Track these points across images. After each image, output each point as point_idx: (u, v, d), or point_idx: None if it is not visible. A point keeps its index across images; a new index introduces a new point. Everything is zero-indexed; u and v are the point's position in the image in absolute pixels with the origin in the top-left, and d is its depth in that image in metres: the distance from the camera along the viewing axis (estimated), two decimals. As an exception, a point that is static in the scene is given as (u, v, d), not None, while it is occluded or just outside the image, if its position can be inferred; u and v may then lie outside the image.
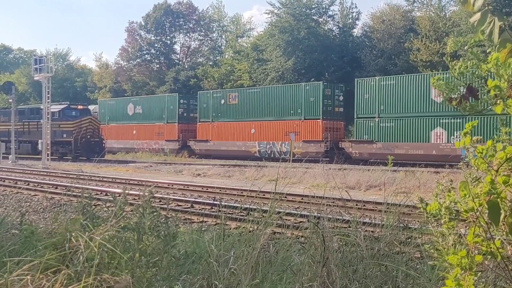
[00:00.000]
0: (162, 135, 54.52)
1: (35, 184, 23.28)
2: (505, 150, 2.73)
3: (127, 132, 57.87)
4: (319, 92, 42.92)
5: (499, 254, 2.86)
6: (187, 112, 54.33)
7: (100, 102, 62.19)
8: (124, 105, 59.17)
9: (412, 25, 52.96)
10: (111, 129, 58.47)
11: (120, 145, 57.35)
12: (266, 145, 45.65)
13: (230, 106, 49.23)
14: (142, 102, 58.27)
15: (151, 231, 4.79)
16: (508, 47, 2.47)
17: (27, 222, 7.08)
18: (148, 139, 55.67)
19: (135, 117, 57.76)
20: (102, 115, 59.97)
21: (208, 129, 50.71)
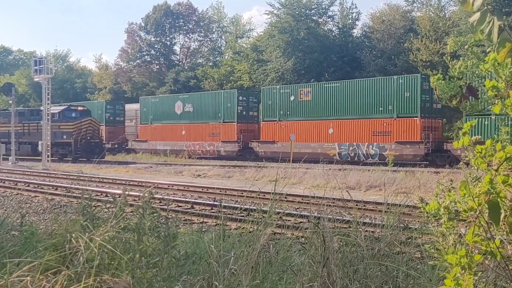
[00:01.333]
0: (218, 136, 49.02)
1: (35, 185, 23.29)
2: (504, 150, 2.73)
3: (175, 132, 52.77)
4: (417, 85, 37.23)
5: (499, 254, 2.86)
6: (246, 111, 48.67)
7: (142, 100, 57.58)
8: (171, 103, 54.02)
9: (412, 25, 52.98)
10: (155, 129, 54.64)
11: (166, 146, 52.36)
12: (348, 147, 40.08)
13: (302, 103, 43.44)
14: (193, 99, 52.49)
15: (151, 232, 4.79)
16: (508, 47, 2.47)
17: (27, 223, 7.09)
18: (201, 140, 50.43)
19: (184, 116, 52.49)
20: (144, 114, 56.38)
21: (274, 129, 45.00)
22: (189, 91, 60.50)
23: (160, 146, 53.27)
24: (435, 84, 3.40)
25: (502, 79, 2.83)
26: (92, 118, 48.44)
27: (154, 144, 53.72)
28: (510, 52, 2.45)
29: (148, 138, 54.92)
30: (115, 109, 59.66)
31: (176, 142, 52.35)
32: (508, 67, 2.74)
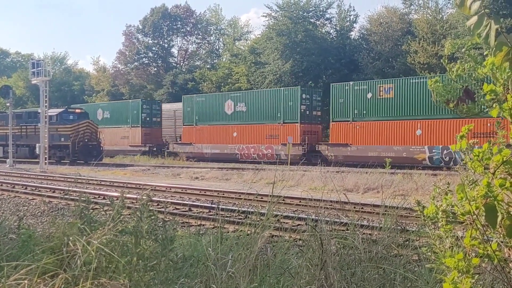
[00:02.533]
0: (277, 138, 44.29)
1: (33, 188, 23.25)
2: (501, 153, 2.73)
3: (225, 134, 48.04)
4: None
5: (496, 257, 2.86)
6: (309, 110, 43.99)
7: (186, 99, 52.38)
8: (220, 103, 49.34)
9: (410, 28, 53.06)
10: (200, 131, 50.16)
11: (214, 150, 48.63)
12: (442, 150, 35.21)
13: (382, 100, 38.61)
14: (247, 98, 47.86)
15: (148, 235, 4.79)
16: (505, 50, 2.47)
17: (25, 226, 7.07)
18: (256, 143, 45.76)
19: (236, 116, 47.73)
20: (187, 114, 51.61)
21: (346, 130, 40.12)
22: (187, 94, 60.17)
23: (207, 149, 49.35)
24: (432, 87, 3.41)
25: (500, 82, 2.84)
26: (89, 121, 48.37)
27: (200, 147, 49.81)
28: (507, 56, 2.46)
29: (192, 140, 50.79)
30: (152, 109, 56.03)
31: (226, 145, 48.04)
32: (506, 71, 2.75)
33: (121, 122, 56.94)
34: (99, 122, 56.05)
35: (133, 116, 55.42)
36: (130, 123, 56.01)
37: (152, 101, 60.59)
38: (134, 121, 55.41)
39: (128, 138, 55.99)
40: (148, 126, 55.57)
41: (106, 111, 59.12)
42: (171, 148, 52.27)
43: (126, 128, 56.41)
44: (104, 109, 59.72)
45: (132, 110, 55.74)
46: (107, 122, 58.03)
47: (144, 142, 54.56)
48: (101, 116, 58.80)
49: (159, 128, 56.77)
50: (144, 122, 55.25)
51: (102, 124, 56.35)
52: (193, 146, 50.33)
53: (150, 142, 54.73)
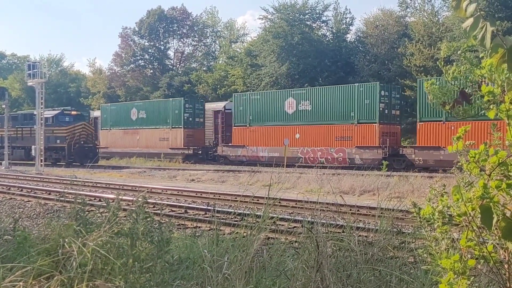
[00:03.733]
0: (350, 140, 39.52)
1: (29, 190, 23.22)
2: (497, 155, 2.74)
3: (285, 136, 42.46)
4: None
5: (492, 259, 2.86)
6: (388, 109, 39.14)
7: (237, 98, 48.07)
8: (279, 100, 44.47)
9: (406, 31, 53.17)
10: (255, 132, 45.60)
11: (272, 153, 43.60)
12: None
13: None
14: (310, 95, 42.63)
15: (144, 237, 4.78)
16: (500, 52, 2.47)
17: (20, 228, 7.05)
18: (325, 146, 40.98)
19: (298, 116, 42.93)
20: (239, 114, 46.95)
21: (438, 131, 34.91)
22: (182, 96, 59.75)
23: (263, 152, 44.78)
24: (428, 89, 3.41)
25: (498, 84, 2.84)
26: (85, 123, 48.28)
27: (255, 150, 45.29)
28: (502, 58, 2.46)
29: (246, 142, 46.18)
30: (195, 109, 51.43)
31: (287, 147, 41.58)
32: (504, 72, 2.75)
33: (160, 122, 52.61)
34: (133, 123, 54.89)
35: (174, 116, 51.20)
36: (170, 123, 51.66)
37: (195, 100, 55.49)
38: (175, 121, 51.06)
39: (168, 140, 51.85)
40: (190, 127, 51.08)
41: (142, 111, 54.98)
42: (220, 151, 47.98)
43: (165, 129, 51.99)
44: (139, 109, 55.62)
45: (173, 109, 51.38)
46: (143, 122, 54.47)
47: (187, 144, 50.30)
48: (135, 116, 55.36)
49: (202, 129, 52.36)
50: (186, 123, 50.77)
51: (137, 125, 54.57)
52: (246, 149, 45.91)
53: (192, 144, 50.46)
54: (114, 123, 57.14)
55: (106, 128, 58.14)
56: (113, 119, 57.37)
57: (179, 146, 50.52)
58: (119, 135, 56.53)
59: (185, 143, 50.23)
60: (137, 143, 53.89)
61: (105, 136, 57.75)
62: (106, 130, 58.04)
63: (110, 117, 57.65)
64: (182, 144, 50.34)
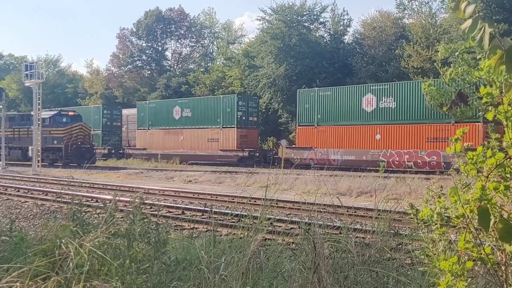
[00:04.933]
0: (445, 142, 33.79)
1: (25, 190, 23.18)
2: (495, 157, 2.74)
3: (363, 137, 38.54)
4: None
5: (489, 261, 2.86)
6: None
7: (302, 94, 42.73)
8: (355, 97, 39.70)
9: (403, 32, 53.19)
10: (325, 133, 40.73)
11: (348, 155, 39.08)
12: None
13: None
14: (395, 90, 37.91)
15: (141, 238, 4.78)
16: (499, 54, 2.47)
17: (17, 228, 7.05)
18: (412, 148, 36.19)
19: (378, 114, 38.37)
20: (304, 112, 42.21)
21: None
22: (180, 97, 59.38)
23: (335, 155, 40.09)
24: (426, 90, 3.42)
25: (497, 85, 2.84)
26: (83, 124, 48.24)
27: (324, 153, 40.55)
28: (501, 59, 2.46)
29: (313, 144, 41.32)
30: (248, 107, 47.55)
31: (365, 150, 38.42)
32: (502, 74, 2.75)
33: (208, 121, 48.57)
34: (175, 123, 51.40)
35: (226, 114, 47.15)
36: (221, 123, 47.65)
37: (248, 97, 50.74)
38: (227, 120, 47.06)
39: (218, 141, 47.75)
40: (244, 126, 47.12)
41: (186, 109, 50.72)
42: (281, 153, 41.77)
43: (215, 129, 48.03)
44: (183, 107, 51.30)
45: (225, 107, 47.30)
46: (188, 122, 50.40)
47: (240, 146, 46.15)
48: (178, 115, 51.32)
49: (255, 130, 48.93)
50: (239, 122, 46.76)
51: (180, 125, 50.86)
52: (314, 151, 40.95)
53: (246, 146, 46.35)
54: (154, 122, 53.32)
55: (143, 128, 54.51)
56: (152, 118, 53.60)
57: (231, 148, 46.63)
58: (159, 136, 52.59)
59: (239, 145, 46.22)
60: (180, 144, 50.39)
61: (142, 136, 54.56)
62: (143, 130, 54.49)
63: (149, 116, 53.88)
64: (235, 146, 46.24)
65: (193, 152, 48.93)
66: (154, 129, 53.27)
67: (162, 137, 52.28)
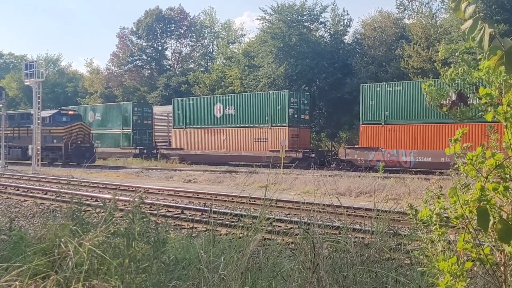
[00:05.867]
0: None
1: (25, 189, 23.18)
2: (494, 157, 2.74)
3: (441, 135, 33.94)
4: None
5: (488, 261, 2.86)
6: None
7: (367, 89, 38.55)
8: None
9: (403, 32, 53.17)
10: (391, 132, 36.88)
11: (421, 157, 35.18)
12: None
13: None
14: None
15: (140, 237, 4.78)
16: (498, 54, 2.47)
17: (17, 227, 7.04)
18: None
19: None
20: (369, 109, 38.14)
21: None
22: (180, 96, 59.07)
23: (407, 156, 36.08)
24: (426, 90, 3.42)
25: (496, 86, 2.84)
26: (82, 123, 48.22)
27: (394, 154, 36.64)
28: (500, 60, 2.46)
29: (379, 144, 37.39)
30: (300, 104, 43.80)
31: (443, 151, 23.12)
32: (501, 74, 2.75)
33: (255, 120, 45.04)
34: (217, 121, 47.76)
35: (276, 112, 43.66)
36: (269, 121, 44.07)
37: (301, 93, 46.55)
38: (277, 118, 43.58)
39: (267, 140, 43.97)
40: (295, 125, 43.46)
41: (229, 106, 47.23)
42: (343, 154, 39.10)
43: (263, 128, 44.22)
44: (225, 103, 47.80)
45: (275, 104, 43.82)
46: (231, 120, 46.92)
47: (292, 146, 42.43)
48: (220, 113, 47.84)
49: (307, 129, 45.30)
50: (291, 120, 43.14)
51: (223, 124, 47.34)
52: (381, 152, 37.11)
53: (297, 146, 42.73)
54: (192, 121, 49.71)
55: (179, 127, 50.82)
56: (190, 116, 49.92)
57: None
58: (198, 135, 49.11)
59: (290, 145, 42.47)
60: (223, 145, 46.90)
61: (178, 135, 50.85)
62: (179, 128, 50.76)
63: (186, 114, 50.25)
64: (286, 146, 42.32)
65: (238, 153, 45.55)
66: (192, 128, 49.78)
67: (201, 136, 48.96)
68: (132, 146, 52.97)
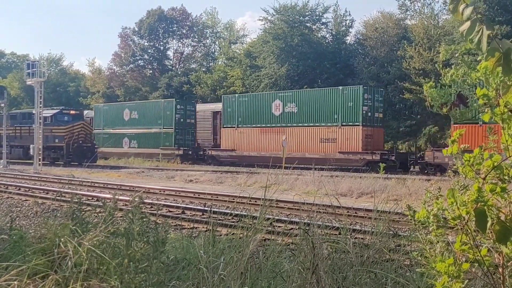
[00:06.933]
0: None
1: (26, 189, 23.18)
2: (492, 158, 2.74)
3: None
4: None
5: (484, 262, 2.86)
6: None
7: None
8: None
9: (405, 33, 53.17)
10: None
11: None
12: None
13: None
14: None
15: (140, 237, 4.78)
16: (496, 56, 2.47)
17: (17, 227, 7.05)
18: None
19: None
20: None
21: None
22: (182, 97, 59.08)
23: None
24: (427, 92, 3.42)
25: (493, 87, 2.84)
26: (84, 122, 48.27)
27: None
28: (498, 62, 2.46)
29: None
30: (374, 100, 39.85)
31: None
32: (499, 76, 2.75)
33: (322, 118, 40.99)
34: (276, 119, 43.97)
35: (347, 109, 39.42)
36: (339, 120, 39.99)
37: (375, 89, 41.99)
38: (349, 117, 39.41)
39: (336, 141, 39.88)
40: (369, 124, 39.20)
41: (291, 104, 43.16)
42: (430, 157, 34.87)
43: (332, 127, 40.13)
44: (286, 100, 43.74)
45: (346, 101, 39.49)
46: (293, 118, 42.93)
47: (365, 147, 38.72)
48: (279, 110, 43.80)
49: (380, 128, 41.33)
50: (365, 119, 38.93)
51: (283, 122, 43.27)
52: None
53: (371, 148, 39.01)
54: (245, 120, 45.91)
55: (230, 126, 47.05)
56: (243, 114, 46.09)
57: (355, 150, 38.93)
58: (253, 135, 45.24)
59: (364, 146, 38.55)
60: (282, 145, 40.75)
61: (229, 135, 47.01)
62: (231, 128, 46.93)
63: (239, 112, 46.44)
64: (359, 147, 38.54)
65: (301, 155, 39.98)
66: (245, 127, 45.91)
67: (257, 136, 44.99)
68: (175, 146, 49.67)
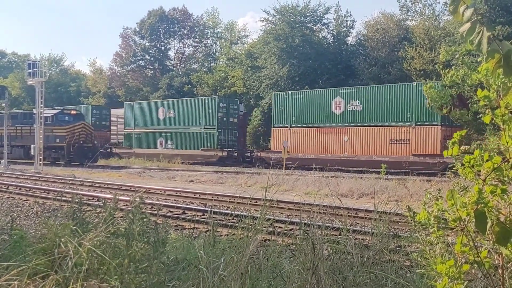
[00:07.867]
0: None
1: (27, 189, 23.18)
2: (492, 160, 2.74)
3: None
4: None
5: (484, 264, 2.86)
6: None
7: None
8: None
9: (406, 34, 53.14)
10: None
11: None
12: None
13: None
14: None
15: (140, 237, 4.78)
16: (497, 57, 2.48)
17: (18, 227, 7.05)
18: None
19: None
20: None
21: None
22: (182, 97, 59.02)
23: None
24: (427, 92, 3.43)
25: (494, 88, 2.84)
26: (85, 122, 48.26)
27: None
28: (498, 63, 2.46)
29: None
30: None
31: None
32: (499, 77, 2.75)
33: (391, 117, 37.15)
34: (336, 118, 40.17)
35: (421, 108, 34.45)
36: (412, 119, 35.99)
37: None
38: (424, 116, 35.03)
39: (409, 142, 35.99)
40: (448, 124, 33.67)
41: (353, 101, 39.30)
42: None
43: (403, 127, 36.28)
44: (347, 98, 39.85)
45: (421, 97, 33.41)
46: (356, 117, 39.15)
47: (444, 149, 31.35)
48: (340, 109, 40.04)
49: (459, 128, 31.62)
50: (443, 118, 33.29)
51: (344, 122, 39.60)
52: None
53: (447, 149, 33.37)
54: (300, 119, 42.52)
55: (283, 125, 43.68)
56: (297, 113, 42.69)
57: (433, 152, 34.51)
58: (309, 136, 41.60)
59: (442, 148, 32.95)
60: (344, 147, 39.25)
61: (281, 135, 43.47)
62: (283, 127, 43.55)
63: (292, 111, 43.06)
64: (438, 149, 33.98)
65: (367, 157, 37.51)
66: (300, 127, 42.44)
67: (314, 137, 41.31)
68: (217, 147, 47.26)
